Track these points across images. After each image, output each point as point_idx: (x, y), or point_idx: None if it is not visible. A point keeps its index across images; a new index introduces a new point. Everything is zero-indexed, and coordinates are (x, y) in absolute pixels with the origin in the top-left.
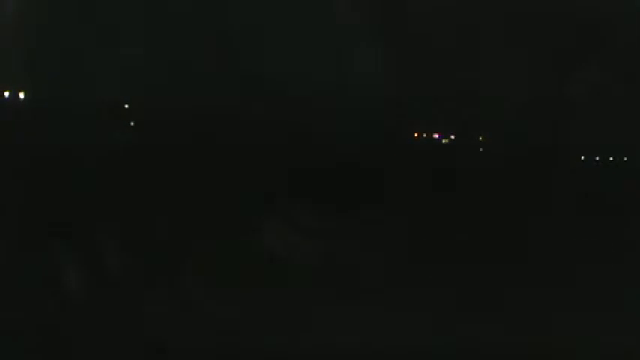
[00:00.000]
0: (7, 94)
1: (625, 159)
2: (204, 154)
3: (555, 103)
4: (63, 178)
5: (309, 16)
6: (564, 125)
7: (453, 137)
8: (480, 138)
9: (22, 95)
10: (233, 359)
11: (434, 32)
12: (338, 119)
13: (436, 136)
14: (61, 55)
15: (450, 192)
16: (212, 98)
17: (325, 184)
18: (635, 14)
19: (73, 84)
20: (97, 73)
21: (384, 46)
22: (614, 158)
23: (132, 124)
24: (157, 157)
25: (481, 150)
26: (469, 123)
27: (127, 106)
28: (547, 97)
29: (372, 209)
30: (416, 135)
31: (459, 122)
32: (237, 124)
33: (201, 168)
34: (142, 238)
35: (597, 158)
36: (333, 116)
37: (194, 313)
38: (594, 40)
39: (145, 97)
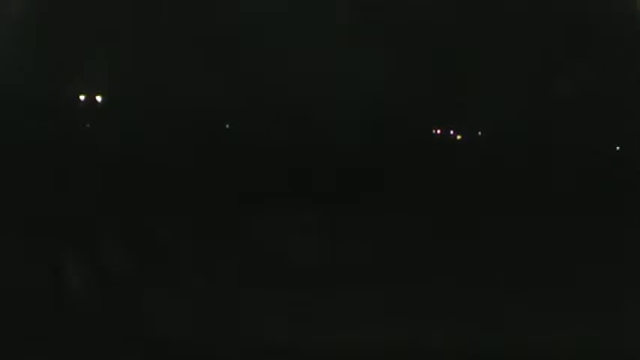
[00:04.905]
0: (82, 97)
1: (622, 157)
2: (207, 154)
3: (553, 102)
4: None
5: (311, 15)
6: (562, 124)
7: (452, 132)
8: (480, 133)
9: (99, 98)
10: (233, 357)
11: (433, 32)
12: (340, 118)
13: (438, 132)
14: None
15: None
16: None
17: (328, 183)
18: (634, 14)
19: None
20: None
21: (385, 47)
22: (612, 156)
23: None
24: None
25: (482, 147)
26: (469, 120)
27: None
28: (545, 96)
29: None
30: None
31: (459, 120)
32: (239, 124)
33: (204, 168)
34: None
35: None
36: (336, 115)
37: (194, 311)
38: (592, 40)
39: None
